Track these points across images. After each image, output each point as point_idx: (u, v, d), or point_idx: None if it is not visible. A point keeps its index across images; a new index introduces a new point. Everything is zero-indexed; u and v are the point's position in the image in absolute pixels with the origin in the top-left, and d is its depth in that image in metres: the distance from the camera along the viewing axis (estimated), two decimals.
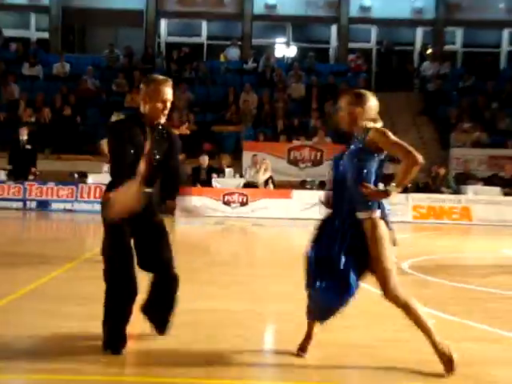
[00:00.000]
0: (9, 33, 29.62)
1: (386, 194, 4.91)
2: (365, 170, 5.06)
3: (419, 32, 29.97)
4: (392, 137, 5.01)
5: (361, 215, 5.07)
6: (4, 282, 8.13)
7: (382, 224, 5.08)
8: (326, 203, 5.68)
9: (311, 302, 5.45)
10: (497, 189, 20.66)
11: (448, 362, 4.95)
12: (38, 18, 29.96)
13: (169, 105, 5.42)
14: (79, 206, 19.64)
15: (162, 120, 5.52)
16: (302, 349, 5.40)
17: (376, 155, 5.10)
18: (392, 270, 5.08)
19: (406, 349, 5.69)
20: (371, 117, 5.26)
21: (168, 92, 5.42)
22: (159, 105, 5.39)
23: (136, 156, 5.38)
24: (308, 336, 5.47)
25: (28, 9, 29.72)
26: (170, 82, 5.51)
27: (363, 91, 5.44)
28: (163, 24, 30.18)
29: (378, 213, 5.02)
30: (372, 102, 5.28)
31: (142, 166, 5.24)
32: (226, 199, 19.64)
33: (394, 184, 4.89)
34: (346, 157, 5.21)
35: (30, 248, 12.10)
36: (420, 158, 4.94)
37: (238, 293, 8.29)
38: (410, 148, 4.95)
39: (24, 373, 4.95)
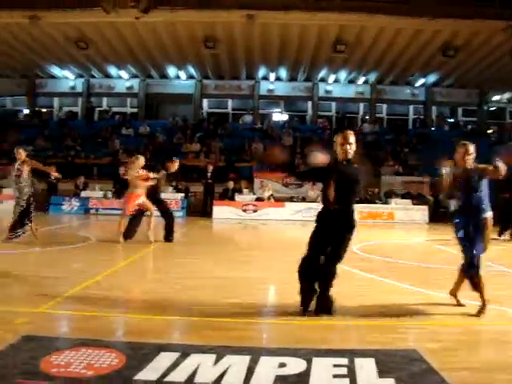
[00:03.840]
0: (114, 109, 29.95)
1: None
2: None
3: (361, 106, 29.99)
4: None
5: None
6: (106, 260, 8.29)
7: None
8: None
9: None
10: (408, 201, 20.69)
11: None
12: (131, 100, 30.17)
13: None
14: (156, 213, 19.66)
15: None
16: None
17: None
18: None
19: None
20: None
21: None
22: None
23: None
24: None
25: (126, 95, 29.91)
26: None
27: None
28: (205, 101, 30.20)
29: None
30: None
31: None
32: (244, 208, 19.67)
33: None
34: None
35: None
36: None
37: (252, 266, 8.43)
38: None
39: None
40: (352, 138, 5.12)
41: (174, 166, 11.34)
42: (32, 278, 6.73)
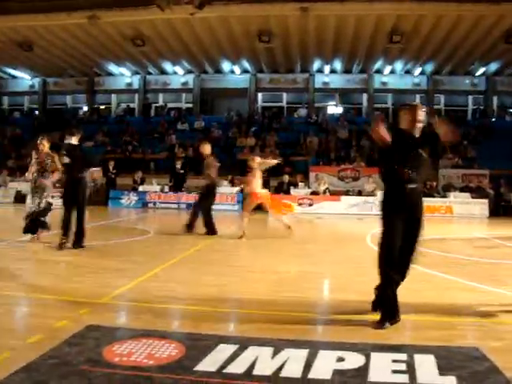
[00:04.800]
0: (170, 104, 30.53)
1: None
2: None
3: (417, 97, 29.20)
4: None
5: None
6: (164, 253, 8.46)
7: None
8: None
9: None
10: (468, 194, 20.18)
11: None
12: (187, 95, 30.62)
13: None
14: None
15: None
16: None
17: None
18: None
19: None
20: None
21: None
22: None
23: None
24: None
25: (181, 90, 30.43)
26: None
27: None
28: (260, 95, 30.30)
29: None
30: None
31: None
32: (299, 202, 19.65)
33: None
34: None
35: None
36: None
37: (307, 260, 8.42)
38: None
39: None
40: (423, 115, 4.61)
41: None
42: (93, 270, 6.96)
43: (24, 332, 4.20)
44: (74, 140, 9.00)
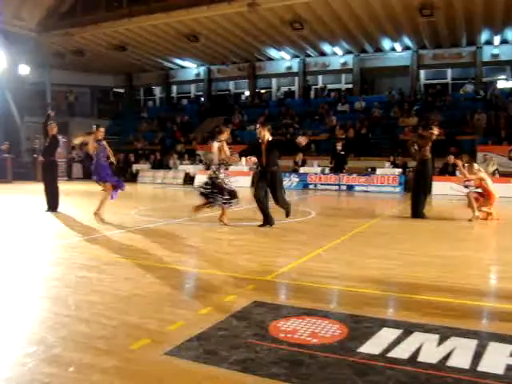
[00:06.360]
0: (330, 86, 30.73)
1: None
2: None
3: None
4: None
5: None
6: (326, 234, 8.52)
7: None
8: None
9: None
10: None
11: None
12: (346, 76, 30.53)
13: None
14: (371, 189, 19.84)
15: None
16: None
17: None
18: None
19: None
20: None
21: None
22: None
23: None
24: None
25: (341, 71, 30.42)
26: None
27: None
28: (422, 73, 29.17)
29: None
30: None
31: None
32: (465, 184, 18.72)
33: None
34: None
35: (344, 212, 12.53)
36: None
37: (476, 245, 8.05)
38: None
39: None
40: None
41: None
42: (259, 249, 7.26)
43: (196, 304, 4.53)
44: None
